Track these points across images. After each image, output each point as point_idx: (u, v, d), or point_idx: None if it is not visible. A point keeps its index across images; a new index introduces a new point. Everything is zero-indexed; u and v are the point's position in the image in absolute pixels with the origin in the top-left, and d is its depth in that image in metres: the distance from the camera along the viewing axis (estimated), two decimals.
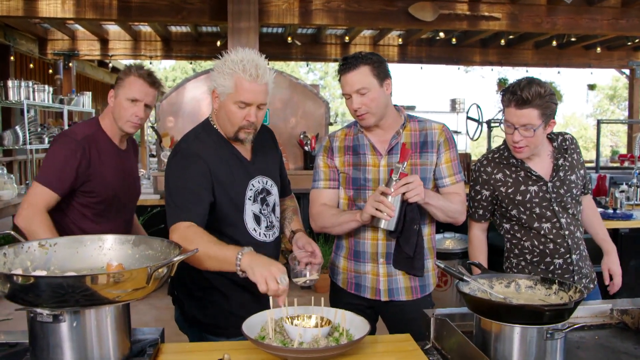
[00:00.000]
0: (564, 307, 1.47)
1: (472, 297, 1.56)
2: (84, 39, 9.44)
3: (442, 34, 9.32)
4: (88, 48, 9.54)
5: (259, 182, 2.04)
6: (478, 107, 8.13)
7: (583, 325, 1.75)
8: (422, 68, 10.67)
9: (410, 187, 1.92)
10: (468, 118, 8.32)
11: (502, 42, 9.59)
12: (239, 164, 2.00)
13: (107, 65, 12.09)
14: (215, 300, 2.02)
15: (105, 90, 12.37)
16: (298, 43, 9.47)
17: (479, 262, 2.00)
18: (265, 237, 2.03)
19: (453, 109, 14.47)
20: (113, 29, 9.33)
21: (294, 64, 22.10)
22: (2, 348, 1.56)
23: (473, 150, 15.41)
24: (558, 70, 11.27)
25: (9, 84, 6.46)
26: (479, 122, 8.08)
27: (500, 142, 2.34)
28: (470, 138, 8.47)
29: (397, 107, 2.21)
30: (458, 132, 10.39)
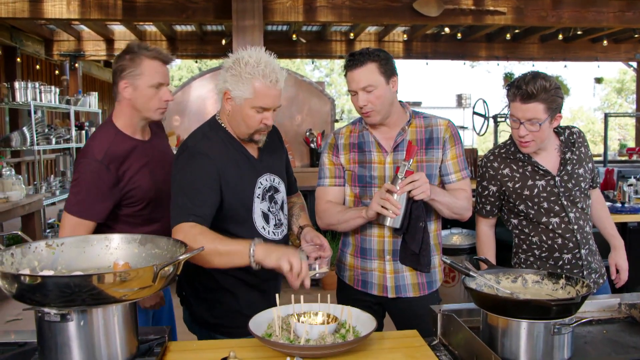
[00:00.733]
0: (571, 301, 1.47)
1: (478, 292, 1.55)
2: (90, 40, 9.48)
3: (447, 29, 9.30)
4: (94, 48, 9.57)
5: (267, 179, 2.04)
6: (484, 102, 8.11)
7: (591, 320, 1.73)
8: (427, 64, 10.66)
9: (416, 184, 1.92)
10: (474, 113, 8.30)
11: (507, 36, 9.56)
12: (247, 162, 1.99)
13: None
14: (224, 300, 2.01)
15: (112, 91, 12.39)
16: (303, 40, 9.46)
17: (487, 258, 2.00)
18: (274, 235, 2.02)
19: (459, 105, 14.40)
20: (118, 29, 9.35)
21: (300, 62, 22.08)
22: (12, 347, 1.57)
23: (480, 146, 15.35)
24: (565, 64, 11.21)
25: (16, 86, 6.52)
26: (486, 117, 8.06)
27: (507, 137, 2.33)
28: (477, 133, 8.45)
29: (402, 103, 2.19)
30: (464, 127, 10.37)
